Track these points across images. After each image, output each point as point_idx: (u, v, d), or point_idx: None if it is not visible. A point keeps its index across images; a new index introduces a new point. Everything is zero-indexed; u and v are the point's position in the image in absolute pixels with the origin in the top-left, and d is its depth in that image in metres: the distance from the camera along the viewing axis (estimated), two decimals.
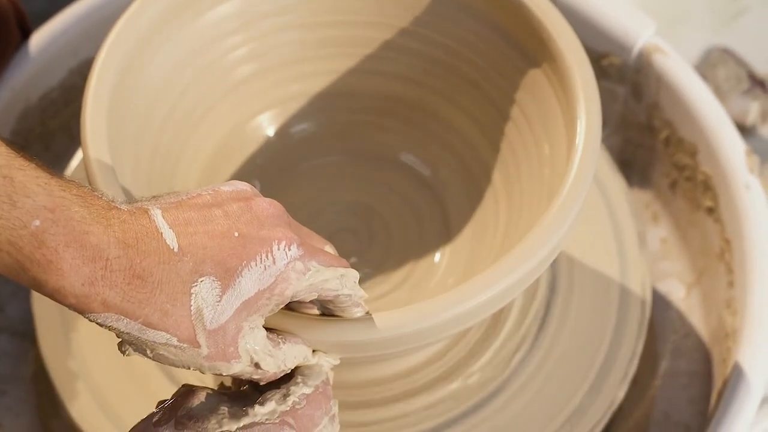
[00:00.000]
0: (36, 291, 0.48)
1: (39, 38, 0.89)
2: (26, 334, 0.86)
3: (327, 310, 0.59)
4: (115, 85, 0.69)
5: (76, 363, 0.77)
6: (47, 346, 0.78)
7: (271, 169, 0.83)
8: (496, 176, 0.78)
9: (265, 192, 0.80)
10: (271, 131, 0.84)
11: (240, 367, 0.53)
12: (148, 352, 0.51)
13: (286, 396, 0.55)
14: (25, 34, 0.91)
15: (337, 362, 0.59)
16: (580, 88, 0.68)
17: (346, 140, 0.85)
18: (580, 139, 0.66)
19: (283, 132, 0.84)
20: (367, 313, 0.59)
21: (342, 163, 0.85)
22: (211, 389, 0.56)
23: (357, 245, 0.81)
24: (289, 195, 0.82)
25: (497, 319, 0.77)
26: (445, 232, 0.81)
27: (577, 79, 0.68)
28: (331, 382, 0.58)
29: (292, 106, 0.83)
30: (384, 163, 0.84)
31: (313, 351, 0.58)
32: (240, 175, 0.81)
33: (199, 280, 0.50)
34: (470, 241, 0.79)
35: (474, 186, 0.80)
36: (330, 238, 0.64)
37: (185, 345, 0.51)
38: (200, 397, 0.55)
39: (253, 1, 0.79)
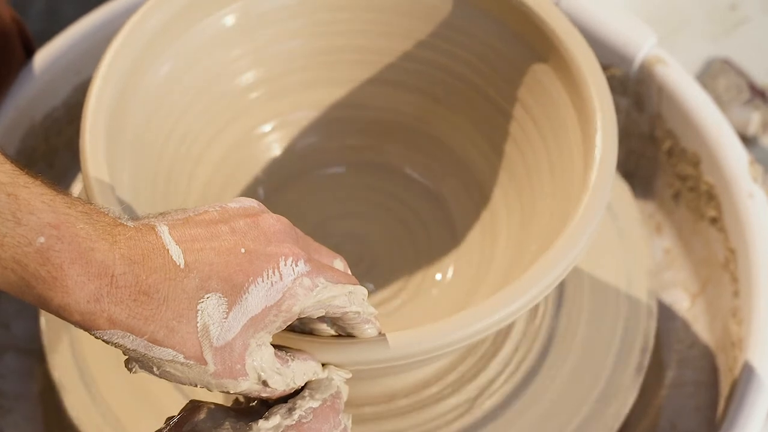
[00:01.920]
0: (42, 308, 0.48)
1: (42, 57, 0.90)
2: (32, 351, 0.85)
3: (338, 328, 0.58)
4: (114, 104, 0.69)
5: (84, 379, 0.77)
6: (55, 363, 0.78)
7: (277, 180, 0.83)
8: (503, 186, 0.78)
9: (270, 203, 0.81)
10: (276, 143, 0.84)
11: (247, 385, 0.53)
12: (155, 369, 0.51)
13: (291, 410, 0.54)
14: (29, 53, 0.91)
15: (349, 375, 0.59)
16: (597, 99, 0.68)
17: (351, 152, 0.85)
18: (597, 155, 0.66)
19: (288, 144, 0.84)
20: (380, 331, 0.59)
21: (347, 174, 0.85)
22: (218, 404, 0.56)
23: (363, 257, 0.81)
24: (293, 207, 0.82)
25: (506, 330, 0.77)
26: (452, 242, 0.81)
27: (592, 89, 0.68)
28: (345, 396, 0.58)
29: (297, 118, 0.84)
30: (389, 174, 0.84)
31: (324, 365, 0.58)
32: (245, 186, 0.82)
33: (206, 296, 0.50)
34: (478, 251, 0.79)
35: (480, 196, 0.80)
36: (335, 250, 0.64)
37: (192, 362, 0.50)
38: (207, 413, 0.55)
39: (256, 12, 0.79)
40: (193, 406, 0.55)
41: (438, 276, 0.80)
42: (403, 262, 0.81)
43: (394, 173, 0.84)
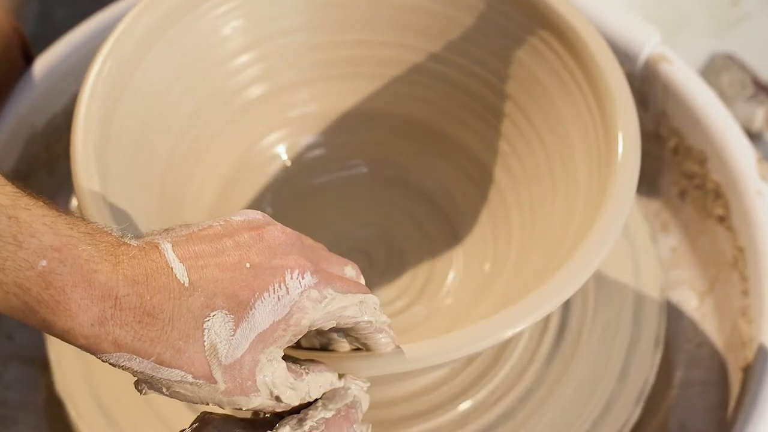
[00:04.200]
0: (46, 332, 0.47)
1: (42, 64, 0.89)
2: (36, 360, 0.85)
3: (352, 339, 0.58)
4: (105, 111, 0.68)
5: (90, 389, 0.77)
6: (60, 373, 0.78)
7: (283, 188, 0.83)
8: (515, 188, 0.78)
9: (277, 211, 0.80)
10: (282, 151, 0.83)
11: (260, 401, 0.52)
12: (164, 389, 0.50)
13: (302, 421, 0.53)
14: (28, 60, 0.91)
15: (368, 384, 0.58)
16: (620, 108, 0.67)
17: (358, 152, 0.84)
18: (618, 162, 0.65)
19: (294, 152, 0.84)
20: (394, 340, 0.58)
21: (353, 181, 0.84)
22: (228, 416, 0.55)
23: (372, 261, 0.81)
24: (300, 214, 0.82)
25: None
26: (463, 244, 0.80)
27: (615, 95, 0.68)
28: (365, 406, 0.57)
29: (303, 126, 0.83)
30: (395, 181, 0.84)
31: (341, 374, 0.57)
32: (252, 195, 0.81)
33: (212, 314, 0.49)
34: (490, 253, 0.78)
35: (491, 198, 0.80)
36: (343, 254, 0.63)
37: (201, 381, 0.50)
38: (215, 425, 0.54)
39: (262, 18, 0.78)
40: (204, 419, 0.55)
41: (449, 278, 0.79)
42: (413, 265, 0.80)
43: (399, 179, 0.84)
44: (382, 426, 0.73)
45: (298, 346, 0.58)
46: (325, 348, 0.59)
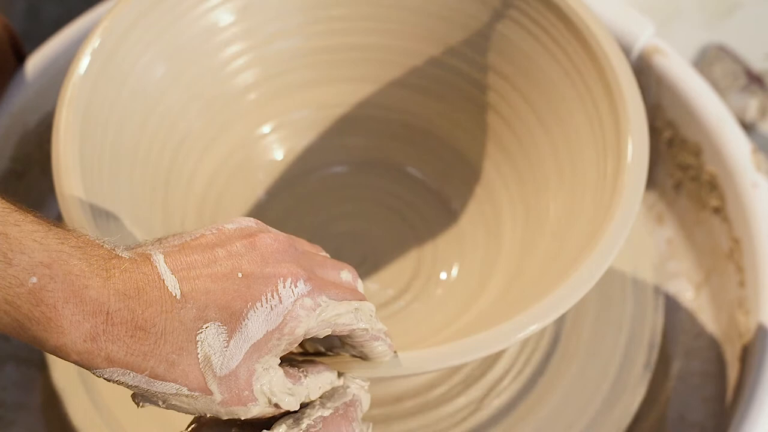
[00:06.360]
0: (39, 348, 0.47)
1: (34, 63, 0.89)
2: (32, 361, 0.85)
3: (348, 347, 0.57)
4: (88, 119, 0.68)
5: (87, 388, 0.77)
6: (57, 373, 0.78)
7: (278, 182, 0.83)
8: (506, 184, 0.78)
9: (273, 212, 0.80)
10: (276, 144, 0.83)
11: (258, 410, 0.52)
12: (160, 402, 0.50)
13: (299, 420, 0.53)
14: (19, 57, 0.90)
15: (368, 383, 0.57)
16: (632, 110, 0.67)
17: (353, 152, 0.84)
18: (627, 162, 0.65)
19: (290, 154, 0.83)
20: (390, 347, 0.58)
21: (349, 174, 0.84)
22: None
23: (366, 257, 0.81)
24: (296, 215, 0.81)
25: None
26: (456, 241, 0.80)
27: (626, 94, 0.67)
28: (365, 405, 0.57)
29: (298, 118, 0.83)
30: (392, 174, 0.84)
31: (340, 373, 0.57)
32: (246, 189, 0.81)
33: (204, 326, 0.49)
34: (482, 249, 0.78)
35: (483, 195, 0.80)
36: (337, 252, 0.62)
37: (197, 394, 0.50)
38: (211, 426, 0.54)
39: (258, 20, 0.78)
40: (200, 421, 0.54)
41: (443, 275, 0.79)
42: (407, 262, 0.80)
43: (396, 172, 0.84)
44: (380, 422, 0.73)
45: (303, 350, 0.58)
46: (329, 350, 0.58)
